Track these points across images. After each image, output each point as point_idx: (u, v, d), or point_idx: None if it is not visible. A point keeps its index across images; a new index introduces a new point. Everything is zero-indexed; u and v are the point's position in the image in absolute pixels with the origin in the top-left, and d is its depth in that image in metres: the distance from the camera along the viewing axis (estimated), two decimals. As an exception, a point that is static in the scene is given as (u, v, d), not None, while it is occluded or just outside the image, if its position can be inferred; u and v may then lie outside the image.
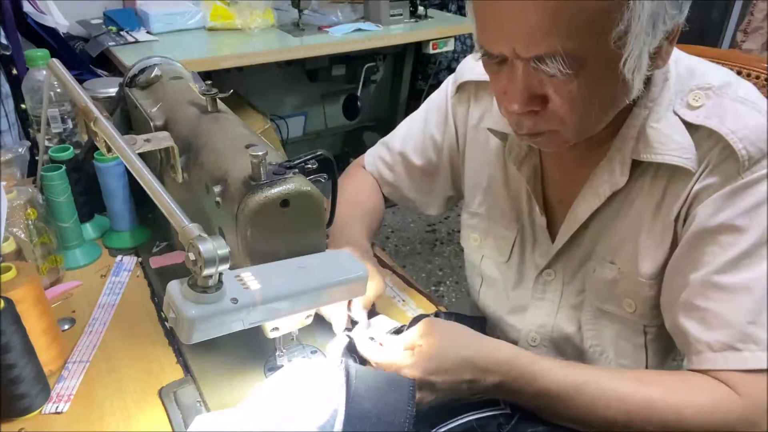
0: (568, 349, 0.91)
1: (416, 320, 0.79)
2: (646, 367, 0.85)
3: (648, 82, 0.73)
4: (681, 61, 0.77)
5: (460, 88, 0.97)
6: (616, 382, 0.70)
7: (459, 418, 0.71)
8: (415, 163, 1.04)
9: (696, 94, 0.73)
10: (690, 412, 0.67)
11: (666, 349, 0.86)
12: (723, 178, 0.70)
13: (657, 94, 0.75)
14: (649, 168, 0.76)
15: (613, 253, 0.82)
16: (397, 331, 0.81)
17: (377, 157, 1.09)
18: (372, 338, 0.77)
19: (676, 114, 0.74)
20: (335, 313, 0.80)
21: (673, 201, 0.75)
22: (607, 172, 0.78)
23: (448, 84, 1.01)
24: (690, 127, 0.73)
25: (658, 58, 0.68)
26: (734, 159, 0.69)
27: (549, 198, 0.89)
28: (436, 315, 0.86)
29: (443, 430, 0.70)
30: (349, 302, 0.81)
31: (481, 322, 0.97)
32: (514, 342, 0.96)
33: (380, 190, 1.09)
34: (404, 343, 0.73)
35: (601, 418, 0.68)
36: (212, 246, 0.54)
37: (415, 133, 1.04)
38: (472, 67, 0.95)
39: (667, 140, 0.73)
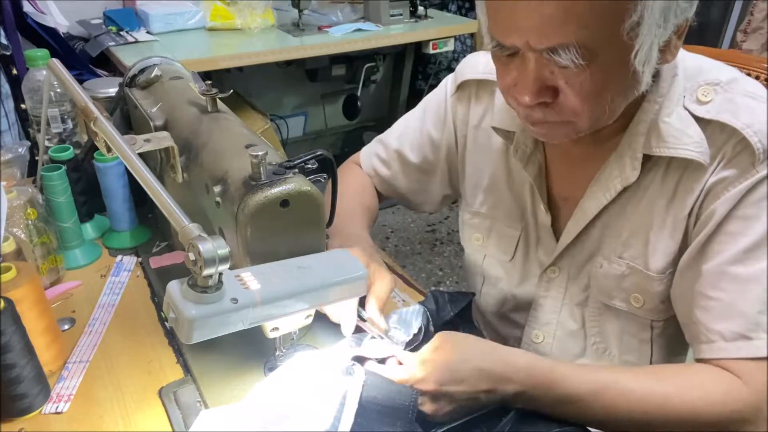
0: (572, 346, 0.91)
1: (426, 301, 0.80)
2: (651, 363, 0.86)
3: (656, 77, 0.74)
4: (687, 59, 0.78)
5: (461, 86, 0.96)
6: (634, 383, 0.71)
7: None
8: (412, 160, 1.03)
9: (705, 90, 0.74)
10: (704, 407, 0.69)
11: (671, 344, 0.86)
12: (738, 170, 0.71)
13: (666, 90, 0.75)
14: (660, 163, 0.77)
15: (621, 249, 0.82)
16: (414, 348, 0.76)
17: (373, 154, 1.08)
18: (383, 359, 0.73)
19: (686, 109, 0.74)
20: (344, 314, 0.79)
21: (686, 195, 0.75)
22: (618, 167, 0.78)
23: (447, 83, 1.00)
24: (700, 121, 0.73)
25: (666, 52, 0.68)
26: (749, 152, 0.70)
27: (553, 196, 0.88)
28: (432, 294, 0.83)
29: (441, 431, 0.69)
30: (363, 301, 0.79)
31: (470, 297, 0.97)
32: (518, 340, 0.96)
33: (374, 188, 1.08)
34: (419, 359, 0.70)
35: (621, 419, 0.70)
36: (212, 246, 0.54)
37: (411, 131, 1.04)
38: (472, 66, 0.95)
39: (681, 134, 0.74)
